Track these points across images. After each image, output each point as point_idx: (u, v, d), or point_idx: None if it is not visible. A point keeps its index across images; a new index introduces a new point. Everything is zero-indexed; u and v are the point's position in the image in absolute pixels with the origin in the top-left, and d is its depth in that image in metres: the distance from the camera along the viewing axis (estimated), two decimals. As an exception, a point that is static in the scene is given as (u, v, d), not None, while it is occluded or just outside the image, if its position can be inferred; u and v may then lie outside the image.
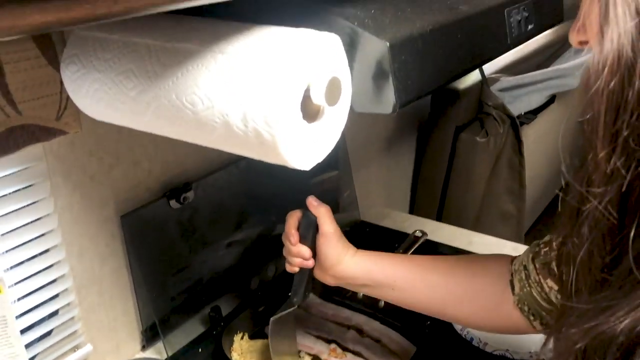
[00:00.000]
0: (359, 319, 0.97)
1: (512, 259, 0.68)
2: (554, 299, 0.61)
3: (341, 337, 0.93)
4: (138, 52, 0.51)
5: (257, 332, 0.94)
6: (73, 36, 0.56)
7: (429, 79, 0.53)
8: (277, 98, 0.43)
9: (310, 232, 0.75)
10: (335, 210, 0.78)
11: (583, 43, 0.42)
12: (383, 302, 0.97)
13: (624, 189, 0.37)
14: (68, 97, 0.62)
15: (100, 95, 0.54)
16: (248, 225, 1.00)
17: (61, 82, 0.62)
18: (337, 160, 1.20)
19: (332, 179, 1.20)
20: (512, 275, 0.66)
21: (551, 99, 1.69)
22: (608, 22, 0.35)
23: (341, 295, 1.01)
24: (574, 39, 0.43)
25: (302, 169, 0.48)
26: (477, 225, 1.42)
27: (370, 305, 0.98)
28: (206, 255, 0.93)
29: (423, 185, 1.45)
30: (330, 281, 0.76)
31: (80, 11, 0.29)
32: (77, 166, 0.75)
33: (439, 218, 1.46)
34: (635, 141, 0.36)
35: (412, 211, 1.53)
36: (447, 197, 1.41)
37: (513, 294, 0.65)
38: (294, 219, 0.75)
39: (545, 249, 0.64)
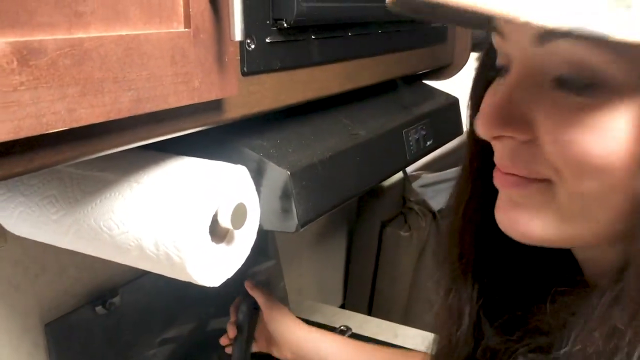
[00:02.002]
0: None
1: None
2: None
3: None
4: (61, 179, 0.55)
5: None
6: (1, 160, 0.60)
7: (329, 199, 0.59)
8: (185, 225, 0.48)
9: (247, 314, 0.81)
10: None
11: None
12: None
13: None
14: (-6, 215, 0.66)
15: (24, 217, 0.58)
16: (176, 329, 1.02)
17: (-12, 201, 0.65)
18: (267, 254, 1.24)
19: (263, 272, 1.23)
20: None
21: (472, 192, 1.81)
22: None
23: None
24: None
25: (209, 286, 0.52)
26: (406, 315, 1.47)
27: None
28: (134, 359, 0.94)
29: (353, 278, 1.50)
30: (289, 357, 0.83)
31: (-1, 171, 0.34)
32: (1, 276, 0.77)
33: (370, 311, 1.51)
34: None
35: (344, 304, 1.57)
36: (375, 290, 1.46)
37: None
38: (235, 304, 0.81)
39: None
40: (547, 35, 0.33)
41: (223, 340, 0.86)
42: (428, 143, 0.80)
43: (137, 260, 0.52)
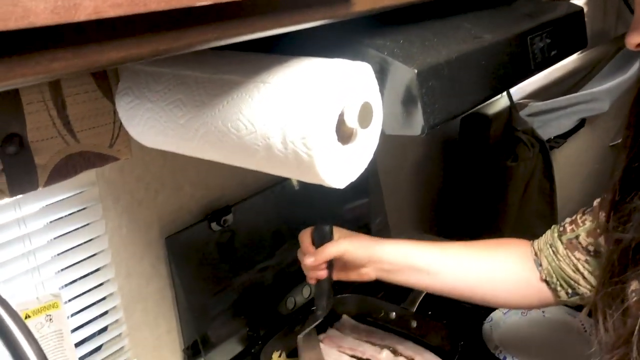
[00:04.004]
0: (392, 339, 0.99)
1: (530, 243, 0.80)
2: (581, 268, 0.73)
3: (375, 356, 0.95)
4: (187, 84, 0.56)
5: (294, 351, 0.96)
6: (126, 71, 0.62)
7: (455, 103, 0.57)
8: (314, 122, 0.47)
9: (324, 243, 0.80)
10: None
11: None
12: (415, 323, 0.99)
13: None
14: (120, 126, 0.68)
15: (152, 124, 0.59)
16: (283, 248, 1.04)
17: (115, 113, 0.67)
18: (368, 187, 1.23)
19: (363, 206, 1.23)
20: (536, 254, 0.77)
21: (581, 123, 1.70)
22: None
23: (373, 317, 1.03)
24: (633, 42, 0.55)
25: (336, 187, 0.51)
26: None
27: (403, 326, 1.00)
28: (244, 276, 0.97)
29: (454, 210, 1.47)
30: (370, 274, 0.82)
31: (148, 47, 0.34)
32: (125, 191, 0.81)
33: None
34: None
35: (443, 236, 1.55)
36: (479, 221, 1.42)
37: (540, 269, 0.76)
38: (306, 234, 0.80)
39: (571, 227, 0.76)
40: None
41: (310, 281, 0.85)
42: (552, 53, 0.74)
43: (265, 161, 0.52)
